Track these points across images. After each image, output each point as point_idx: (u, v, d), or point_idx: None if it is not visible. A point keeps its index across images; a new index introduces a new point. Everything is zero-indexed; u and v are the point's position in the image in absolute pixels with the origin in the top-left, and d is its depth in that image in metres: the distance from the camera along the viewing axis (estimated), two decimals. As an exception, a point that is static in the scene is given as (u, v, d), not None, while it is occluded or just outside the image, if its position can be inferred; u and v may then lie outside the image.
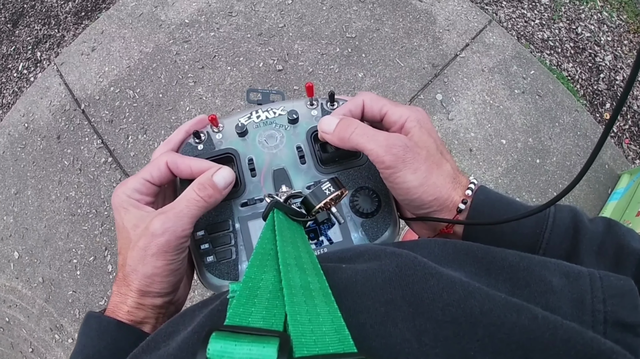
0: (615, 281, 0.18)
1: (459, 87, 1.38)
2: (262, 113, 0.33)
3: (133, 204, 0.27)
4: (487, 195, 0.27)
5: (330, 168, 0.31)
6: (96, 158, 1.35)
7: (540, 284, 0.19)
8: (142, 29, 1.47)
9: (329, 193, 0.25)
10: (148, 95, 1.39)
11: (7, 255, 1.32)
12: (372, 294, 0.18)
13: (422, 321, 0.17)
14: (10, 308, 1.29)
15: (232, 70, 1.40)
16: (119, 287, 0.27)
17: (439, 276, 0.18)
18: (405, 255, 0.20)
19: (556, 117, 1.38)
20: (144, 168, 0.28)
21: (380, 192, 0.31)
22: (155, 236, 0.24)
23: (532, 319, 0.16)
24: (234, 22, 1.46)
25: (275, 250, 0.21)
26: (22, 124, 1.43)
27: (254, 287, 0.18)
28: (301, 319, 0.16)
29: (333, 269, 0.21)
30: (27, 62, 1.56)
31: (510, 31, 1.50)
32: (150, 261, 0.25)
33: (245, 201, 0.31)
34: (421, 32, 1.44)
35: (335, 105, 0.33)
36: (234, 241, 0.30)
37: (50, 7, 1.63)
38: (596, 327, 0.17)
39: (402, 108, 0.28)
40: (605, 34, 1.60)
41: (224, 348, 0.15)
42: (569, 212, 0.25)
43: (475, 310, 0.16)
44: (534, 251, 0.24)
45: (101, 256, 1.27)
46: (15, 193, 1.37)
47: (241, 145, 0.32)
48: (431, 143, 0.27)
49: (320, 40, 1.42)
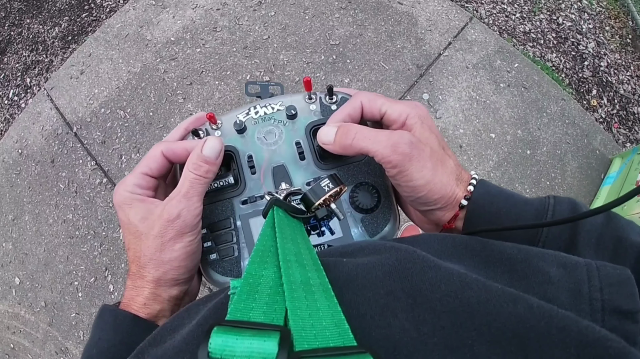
0: (612, 271, 0.18)
1: (445, 85, 1.40)
2: (261, 109, 0.33)
3: (136, 199, 0.27)
4: (486, 189, 0.27)
5: (330, 164, 0.31)
6: (91, 179, 1.36)
7: (538, 275, 0.19)
8: (129, 49, 1.49)
9: (327, 190, 0.25)
10: (139, 114, 1.40)
11: (8, 281, 1.33)
12: (373, 286, 0.19)
13: (420, 312, 0.17)
14: (14, 334, 1.30)
15: (220, 85, 1.42)
16: (133, 281, 0.27)
17: (437, 268, 0.19)
18: (405, 249, 0.21)
19: (543, 107, 1.40)
20: (141, 163, 0.28)
21: (380, 187, 0.31)
22: (171, 221, 0.25)
23: (527, 308, 0.16)
24: (219, 37, 1.48)
25: (276, 246, 0.21)
26: (16, 150, 1.44)
27: (254, 283, 0.19)
28: (301, 314, 0.17)
29: (334, 263, 0.21)
30: (17, 88, 1.58)
31: (492, 27, 1.52)
32: (168, 246, 0.26)
33: (245, 199, 0.31)
34: (403, 34, 1.46)
35: (334, 98, 0.33)
36: (236, 239, 0.30)
37: (37, 34, 1.65)
38: (594, 315, 0.17)
39: (401, 105, 0.28)
40: (587, 21, 1.62)
41: (225, 342, 0.15)
42: (568, 204, 0.25)
43: (472, 300, 0.17)
44: (534, 243, 0.24)
45: (102, 277, 1.28)
46: (13, 219, 1.37)
47: (240, 142, 0.32)
48: (433, 139, 0.27)
49: (305, 49, 1.44)
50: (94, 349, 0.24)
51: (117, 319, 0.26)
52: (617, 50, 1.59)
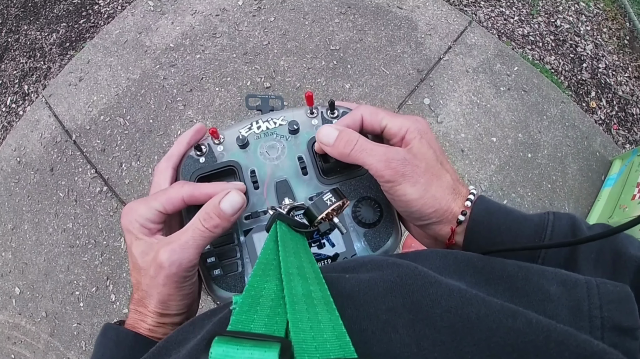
0: (612, 288, 0.19)
1: (445, 89, 1.40)
2: (263, 124, 0.33)
3: (144, 232, 0.27)
4: (486, 205, 0.27)
5: (332, 179, 0.31)
6: (91, 188, 1.35)
7: (538, 293, 0.19)
8: (127, 55, 1.48)
9: (330, 204, 0.25)
10: (139, 122, 1.40)
11: (8, 291, 1.32)
12: (374, 302, 0.19)
13: (421, 327, 0.17)
14: (15, 345, 1.28)
15: (220, 91, 1.41)
16: (136, 306, 0.27)
17: (438, 284, 0.19)
18: (407, 265, 0.21)
19: (543, 110, 1.40)
20: (157, 198, 0.27)
21: (382, 202, 0.31)
22: (163, 269, 0.25)
23: (526, 323, 0.16)
24: (219, 43, 1.47)
25: (278, 260, 0.21)
26: (14, 159, 1.43)
27: (256, 296, 0.19)
28: (303, 326, 0.17)
29: (337, 279, 0.21)
30: (15, 95, 1.57)
31: (491, 30, 1.53)
32: (162, 289, 0.26)
33: (249, 214, 0.31)
34: (404, 39, 1.46)
35: (335, 113, 0.33)
36: (240, 254, 0.30)
37: (34, 40, 1.64)
38: (594, 332, 0.17)
39: (402, 119, 0.28)
40: (584, 23, 1.63)
41: (226, 352, 0.15)
42: (567, 220, 0.25)
43: (472, 316, 0.17)
44: (534, 258, 0.25)
45: (103, 287, 1.27)
46: (12, 228, 1.36)
47: (243, 157, 0.32)
48: (431, 155, 0.27)
49: (305, 54, 1.44)
50: None
51: (119, 337, 0.26)
52: (614, 52, 1.60)
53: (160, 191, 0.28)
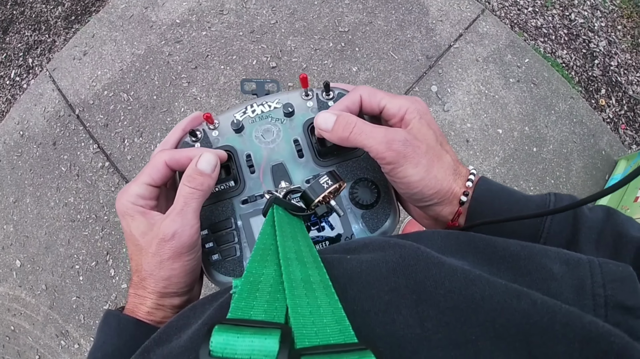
0: (614, 268, 0.19)
1: (454, 77, 1.38)
2: (257, 107, 0.33)
3: (139, 211, 0.27)
4: (488, 186, 0.27)
5: (329, 161, 0.31)
6: (93, 163, 1.35)
7: (541, 271, 0.19)
8: (133, 30, 1.46)
9: (326, 187, 0.25)
10: (142, 98, 1.38)
11: (9, 264, 1.33)
12: (377, 283, 0.19)
13: (425, 308, 0.17)
14: (15, 317, 1.30)
15: (225, 69, 1.39)
16: (135, 290, 0.27)
17: (441, 265, 0.19)
18: (409, 245, 0.21)
19: (552, 104, 1.38)
20: (143, 172, 0.28)
21: (379, 183, 0.31)
22: (167, 241, 0.25)
23: (531, 304, 0.16)
24: (226, 20, 1.45)
25: (276, 244, 0.21)
26: (17, 132, 1.43)
27: (255, 281, 0.19)
28: (302, 311, 0.17)
29: (339, 260, 0.21)
30: (19, 69, 1.55)
31: (504, 20, 1.50)
32: (166, 265, 0.26)
33: (245, 199, 0.31)
34: (414, 24, 1.43)
35: (330, 94, 0.32)
36: (237, 239, 0.30)
37: (39, 13, 1.61)
38: (597, 311, 0.17)
39: (401, 99, 0.28)
40: (599, 19, 1.60)
41: (227, 340, 0.15)
42: (569, 201, 0.25)
43: (476, 296, 0.17)
44: (535, 240, 0.25)
45: (103, 261, 1.28)
46: (14, 201, 1.36)
47: (238, 142, 0.32)
48: (431, 135, 0.27)
49: (313, 35, 1.42)
50: (99, 353, 0.25)
51: (120, 324, 0.26)
52: (628, 50, 1.57)
53: (145, 166, 0.28)
